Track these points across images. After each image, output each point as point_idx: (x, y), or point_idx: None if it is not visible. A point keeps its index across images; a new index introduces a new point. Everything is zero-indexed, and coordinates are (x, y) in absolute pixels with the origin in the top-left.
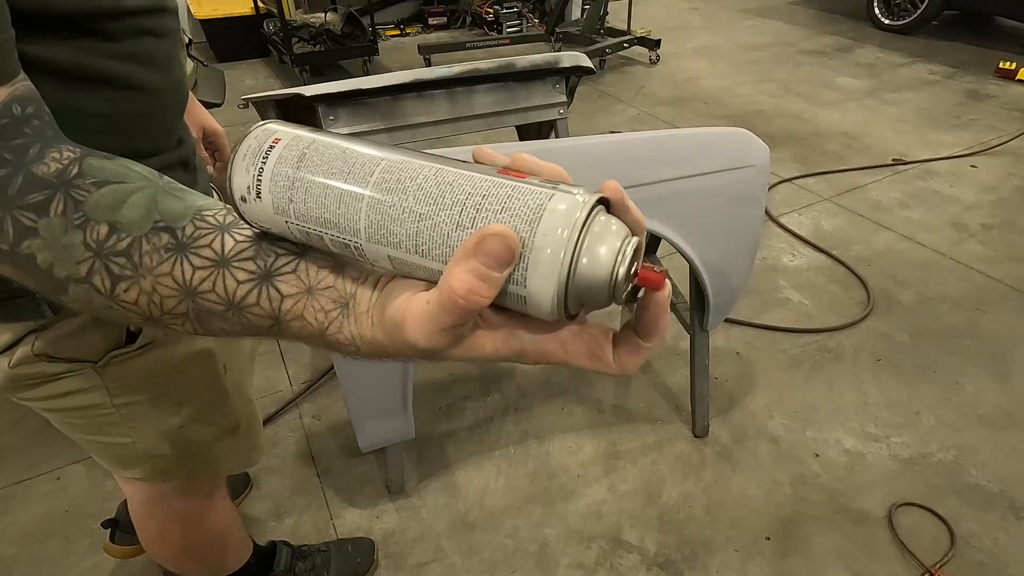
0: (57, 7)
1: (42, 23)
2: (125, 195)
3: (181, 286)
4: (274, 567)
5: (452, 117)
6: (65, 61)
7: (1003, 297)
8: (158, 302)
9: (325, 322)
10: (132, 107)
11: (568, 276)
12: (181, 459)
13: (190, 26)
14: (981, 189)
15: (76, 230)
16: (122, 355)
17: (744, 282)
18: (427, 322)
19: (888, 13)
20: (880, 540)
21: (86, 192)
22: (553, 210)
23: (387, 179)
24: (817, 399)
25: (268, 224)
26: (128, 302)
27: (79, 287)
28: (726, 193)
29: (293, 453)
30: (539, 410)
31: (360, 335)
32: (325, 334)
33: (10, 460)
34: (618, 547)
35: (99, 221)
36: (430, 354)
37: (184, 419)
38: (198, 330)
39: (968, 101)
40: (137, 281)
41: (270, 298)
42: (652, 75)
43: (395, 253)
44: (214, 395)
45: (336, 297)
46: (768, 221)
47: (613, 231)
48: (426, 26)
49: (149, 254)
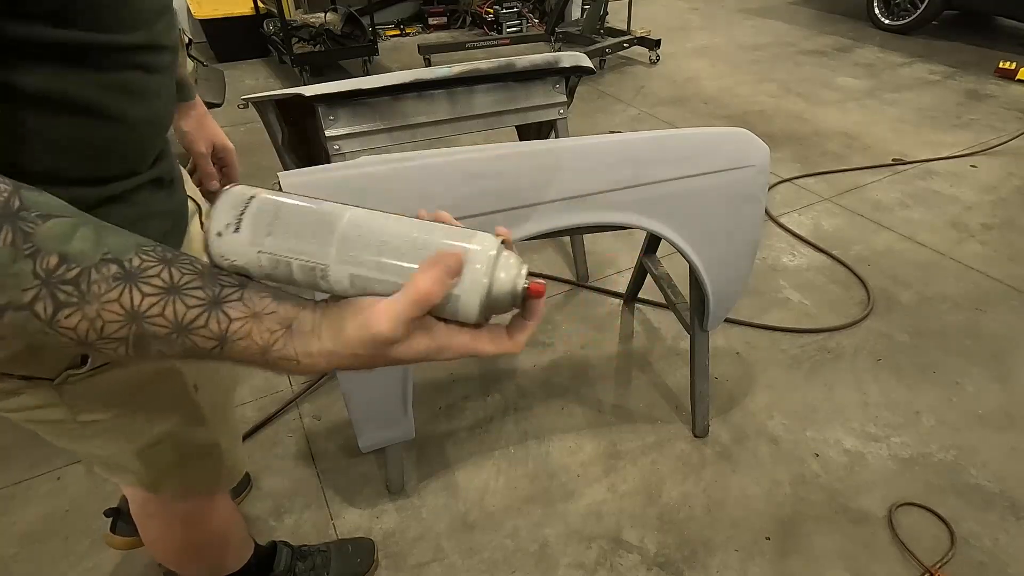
0: (51, 36)
1: (32, 49)
2: (73, 228)
3: (127, 311)
4: (274, 567)
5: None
6: (48, 89)
7: (1003, 297)
8: (99, 327)
9: (270, 340)
10: (107, 135)
11: (488, 290)
12: (162, 475)
13: (190, 26)
14: (981, 189)
15: (26, 259)
16: (79, 374)
17: (744, 282)
18: (393, 313)
19: (888, 13)
20: (880, 540)
21: (33, 224)
22: (476, 245)
23: (355, 219)
24: (817, 399)
25: (235, 256)
26: (67, 327)
27: (17, 314)
28: (726, 193)
29: (293, 453)
30: (539, 410)
31: (305, 350)
32: (269, 351)
33: (10, 460)
34: (618, 547)
35: (50, 251)
36: (383, 344)
37: (155, 438)
38: (129, 353)
39: (968, 101)
40: (81, 308)
41: (219, 320)
42: (652, 75)
43: (358, 271)
44: (187, 414)
45: (280, 320)
46: (768, 221)
47: (511, 263)
48: (426, 26)
49: (98, 283)
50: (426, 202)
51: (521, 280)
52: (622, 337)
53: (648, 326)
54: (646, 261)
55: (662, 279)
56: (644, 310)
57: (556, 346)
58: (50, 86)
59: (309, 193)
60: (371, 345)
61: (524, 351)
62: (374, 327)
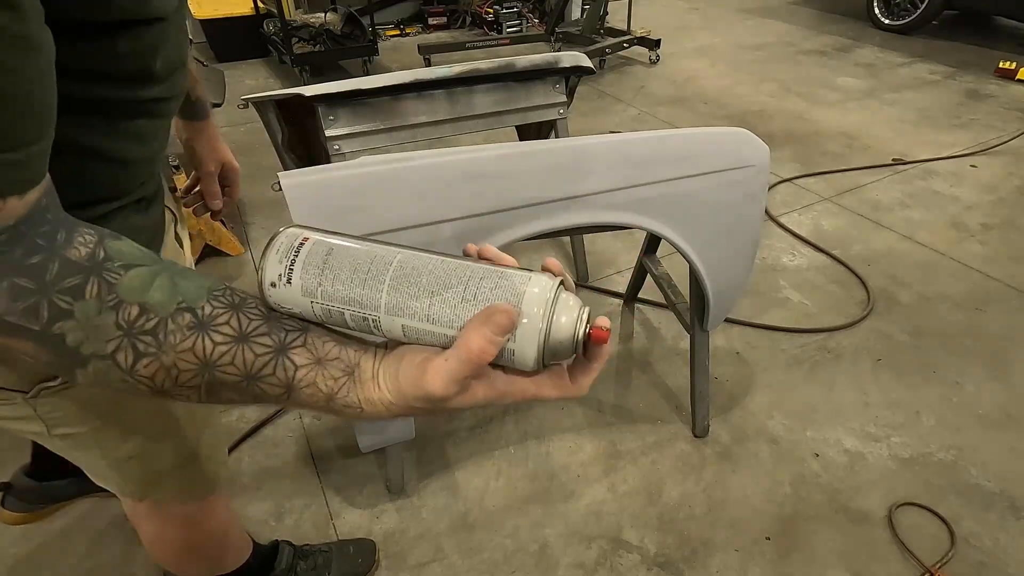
0: (79, 93)
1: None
2: (151, 277)
3: (201, 360)
4: (276, 566)
5: (452, 117)
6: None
7: (1003, 297)
8: (175, 376)
9: (335, 388)
10: (104, 171)
11: (545, 338)
12: (142, 485)
13: (190, 26)
14: (981, 189)
15: (110, 311)
16: (53, 387)
17: (744, 282)
18: (446, 374)
19: (888, 13)
20: (880, 540)
21: (116, 275)
22: (531, 291)
23: (404, 266)
24: (817, 399)
25: (291, 305)
26: (146, 376)
27: (101, 363)
28: (726, 193)
29: (293, 453)
30: (539, 410)
31: (367, 398)
32: (334, 399)
33: (10, 460)
34: (618, 547)
35: (131, 303)
36: (439, 401)
37: (132, 450)
38: (203, 400)
39: (968, 101)
40: (159, 357)
41: (285, 368)
42: (652, 75)
43: (409, 323)
44: (164, 425)
45: (343, 367)
46: (768, 221)
47: (571, 305)
48: (426, 26)
49: (174, 332)
50: (426, 202)
51: (582, 326)
52: (622, 337)
53: (648, 326)
54: (646, 261)
55: (662, 279)
56: (644, 310)
57: None
58: (62, 135)
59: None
60: (427, 401)
61: None
62: (428, 387)
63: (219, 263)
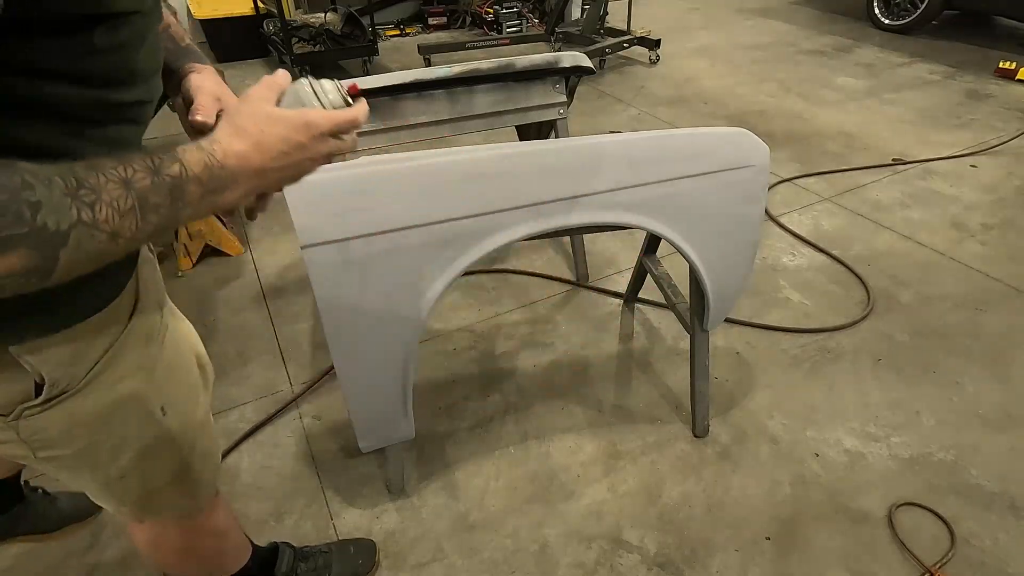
0: (63, 95)
1: (42, 107)
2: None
3: (122, 178)
4: (276, 568)
5: (452, 117)
6: (40, 143)
7: (1003, 297)
8: (117, 207)
9: (207, 158)
10: None
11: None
12: (136, 507)
13: (190, 26)
14: (981, 189)
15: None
16: (33, 408)
17: (744, 282)
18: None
19: (888, 13)
20: (880, 540)
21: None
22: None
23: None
24: (817, 399)
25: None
26: (103, 221)
27: (76, 231)
28: (726, 193)
29: (293, 453)
30: (539, 410)
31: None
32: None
33: None
34: (618, 547)
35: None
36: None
37: (123, 469)
38: (142, 224)
39: (968, 101)
40: (100, 197)
41: (174, 155)
42: (652, 75)
43: None
44: (155, 441)
45: (203, 141)
46: (768, 221)
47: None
48: (426, 26)
49: (94, 175)
50: (426, 202)
51: (343, 87)
52: (622, 337)
53: (648, 326)
54: (646, 261)
55: (662, 279)
56: (644, 310)
57: (556, 346)
58: (47, 142)
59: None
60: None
61: (524, 351)
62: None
63: (219, 263)
